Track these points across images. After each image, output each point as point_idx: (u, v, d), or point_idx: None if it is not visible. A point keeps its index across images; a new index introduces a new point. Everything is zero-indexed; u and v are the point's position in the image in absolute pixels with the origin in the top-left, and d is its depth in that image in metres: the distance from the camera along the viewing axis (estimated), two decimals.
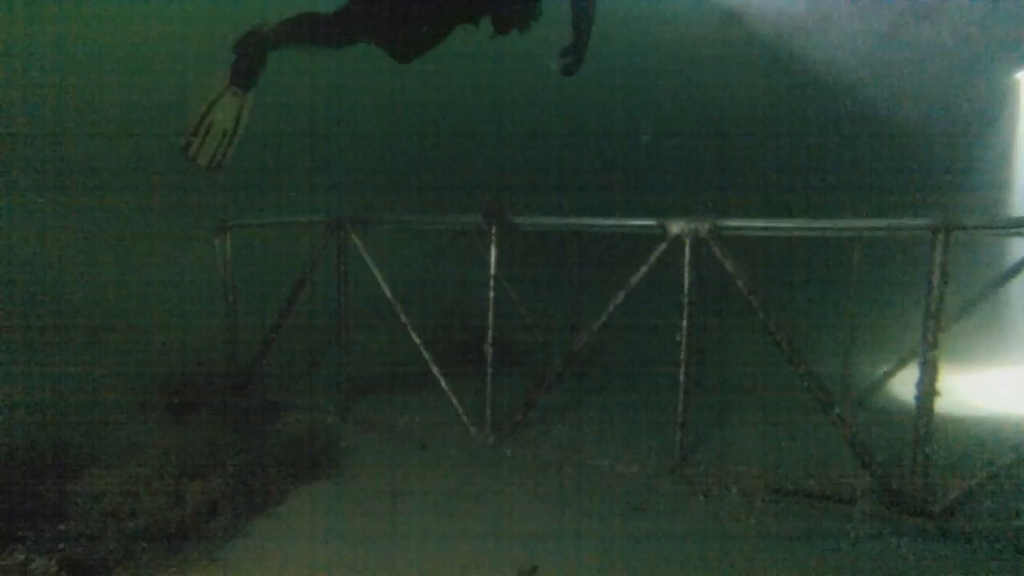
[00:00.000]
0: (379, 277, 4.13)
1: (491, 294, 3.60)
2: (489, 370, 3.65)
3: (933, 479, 2.82)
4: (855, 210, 4.17)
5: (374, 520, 2.84)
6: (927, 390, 2.71)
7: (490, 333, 3.62)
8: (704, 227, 3.19)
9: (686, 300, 3.19)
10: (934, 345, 2.69)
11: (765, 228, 3.30)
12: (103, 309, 5.02)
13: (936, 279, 2.66)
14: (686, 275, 3.20)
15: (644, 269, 3.28)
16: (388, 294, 4.10)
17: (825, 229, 3.19)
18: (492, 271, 3.60)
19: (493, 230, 3.59)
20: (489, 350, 3.63)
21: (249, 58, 3.06)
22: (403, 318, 4.01)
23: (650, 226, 3.30)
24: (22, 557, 2.14)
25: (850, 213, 3.74)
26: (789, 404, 4.46)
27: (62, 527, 2.48)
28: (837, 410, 2.96)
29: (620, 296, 3.33)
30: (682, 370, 3.21)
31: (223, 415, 4.05)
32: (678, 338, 3.20)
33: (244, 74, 3.05)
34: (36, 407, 3.52)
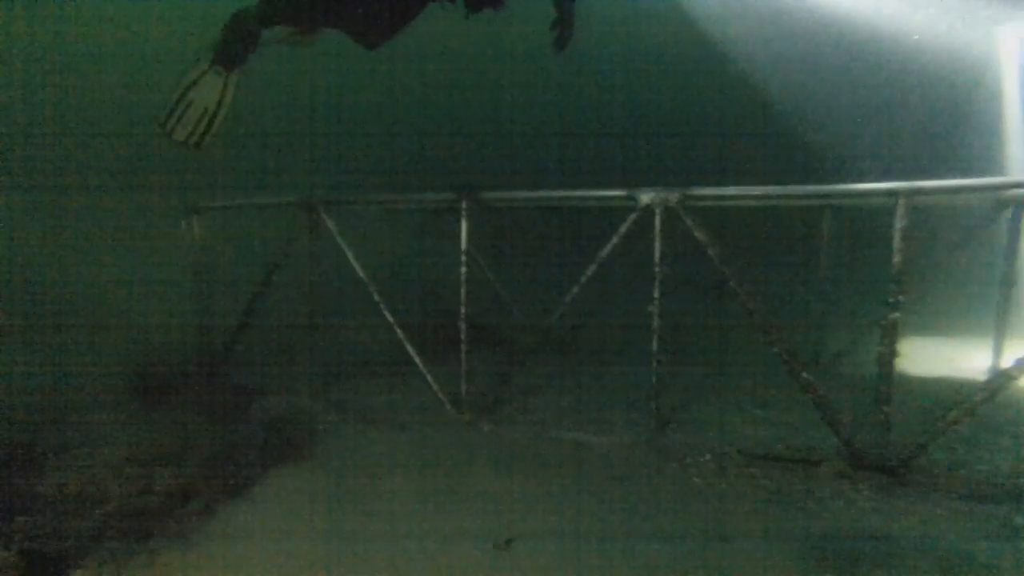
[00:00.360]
0: (352, 258, 4.08)
1: (463, 269, 3.58)
2: (464, 347, 3.65)
3: (893, 436, 2.90)
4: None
5: (350, 502, 2.83)
6: (888, 352, 2.77)
7: (463, 309, 3.61)
8: (674, 197, 3.19)
9: (657, 271, 3.20)
10: (895, 308, 2.74)
11: (734, 196, 3.32)
12: (74, 299, 4.91)
13: (897, 243, 2.70)
14: (657, 245, 3.21)
15: (615, 240, 3.28)
16: (361, 275, 4.05)
17: (793, 196, 3.21)
18: (464, 246, 3.57)
19: (464, 205, 3.56)
20: (463, 327, 3.62)
21: (234, 39, 2.98)
22: (376, 297, 3.97)
23: (620, 197, 3.30)
24: None
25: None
26: (762, 373, 4.55)
27: (24, 519, 2.41)
28: (805, 375, 3.02)
29: (591, 269, 3.33)
30: (655, 340, 3.24)
31: (197, 401, 4.00)
32: (650, 308, 3.22)
33: (228, 54, 2.98)
34: (2, 400, 3.44)
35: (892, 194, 2.74)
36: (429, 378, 3.89)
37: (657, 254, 3.19)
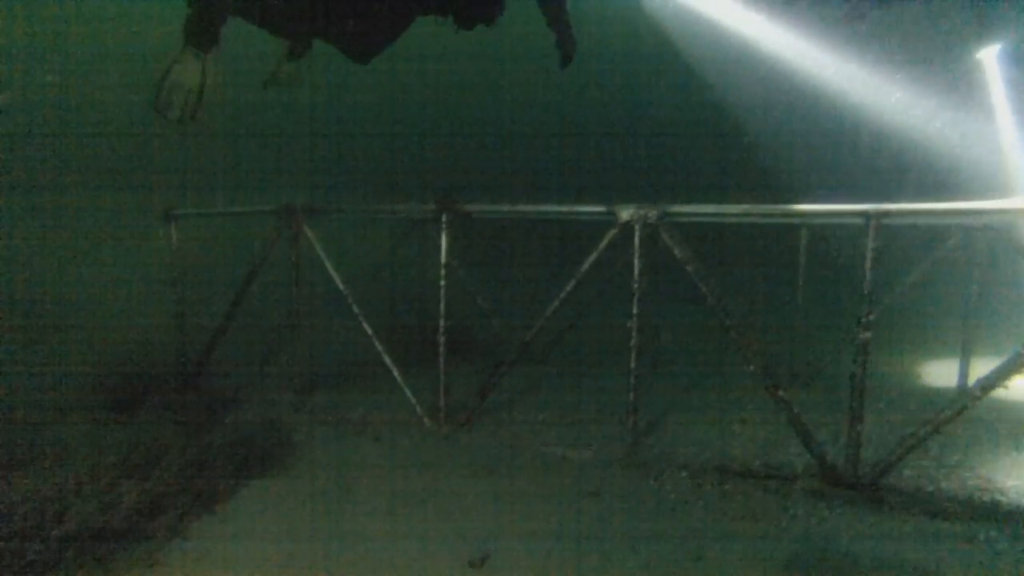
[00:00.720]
0: (331, 268, 4.05)
1: (442, 283, 3.56)
2: (442, 360, 3.63)
3: (864, 454, 2.94)
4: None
5: (324, 516, 2.79)
6: (860, 371, 2.81)
7: (442, 323, 3.59)
8: (653, 213, 3.21)
9: (636, 287, 3.22)
10: (867, 328, 2.78)
11: (714, 213, 3.35)
12: (43, 301, 4.81)
13: (869, 263, 2.74)
14: (636, 262, 3.22)
15: (594, 256, 3.29)
16: (340, 285, 4.02)
17: (769, 214, 3.25)
18: (444, 260, 3.56)
19: (444, 218, 3.55)
20: (442, 340, 3.60)
21: (200, 17, 2.93)
22: (355, 309, 3.94)
23: (600, 212, 3.32)
24: None
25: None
26: (741, 388, 4.59)
27: None
28: (781, 393, 3.04)
29: (571, 284, 3.34)
30: (632, 356, 3.25)
31: (170, 411, 3.93)
32: (629, 324, 3.23)
33: (198, 34, 2.93)
34: None
35: (862, 215, 2.78)
36: (407, 391, 3.86)
37: (636, 270, 3.20)
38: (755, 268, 7.25)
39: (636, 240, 3.21)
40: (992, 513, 2.77)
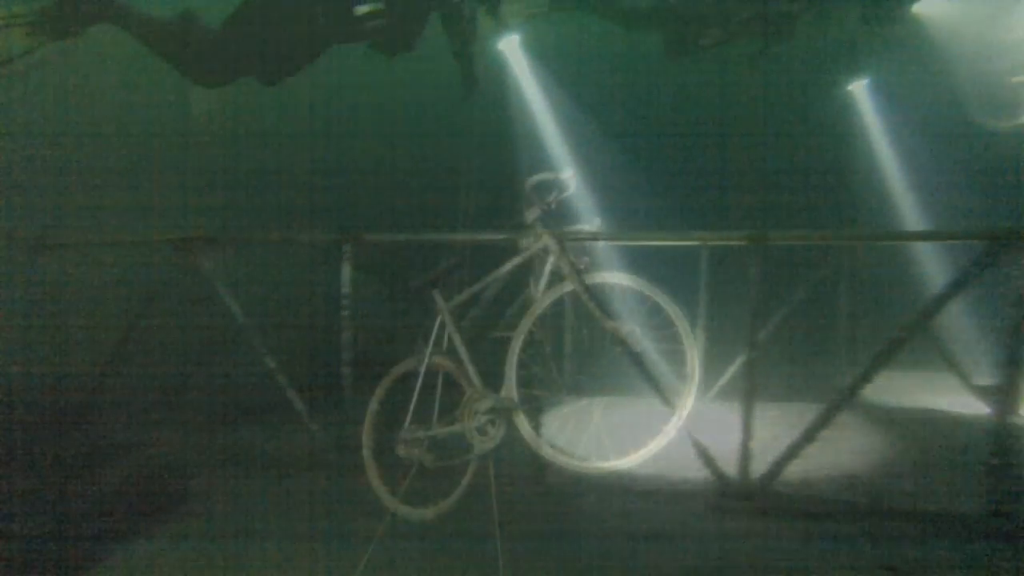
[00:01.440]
0: (229, 301, 3.82)
1: (345, 313, 3.46)
2: (347, 392, 3.51)
3: (754, 466, 3.09)
4: None
5: (218, 570, 2.58)
6: (749, 387, 2.97)
7: (345, 354, 3.48)
8: (551, 240, 3.26)
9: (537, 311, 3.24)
10: (755, 347, 2.94)
11: (608, 237, 3.47)
12: None
13: (753, 286, 2.92)
14: (541, 284, 3.24)
15: (497, 284, 3.30)
16: (240, 319, 3.81)
17: (663, 238, 3.40)
18: (345, 289, 3.47)
19: (346, 248, 3.46)
20: (346, 371, 3.49)
21: (63, 8, 2.69)
22: (255, 342, 3.75)
23: (501, 239, 3.35)
24: None
25: None
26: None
27: None
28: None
29: (476, 311, 3.34)
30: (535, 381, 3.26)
31: (44, 461, 3.55)
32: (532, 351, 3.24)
33: (53, 21, 2.67)
34: None
35: (746, 239, 2.96)
36: (312, 426, 3.70)
37: (538, 294, 3.23)
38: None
39: (537, 266, 3.24)
40: (852, 511, 3.01)
